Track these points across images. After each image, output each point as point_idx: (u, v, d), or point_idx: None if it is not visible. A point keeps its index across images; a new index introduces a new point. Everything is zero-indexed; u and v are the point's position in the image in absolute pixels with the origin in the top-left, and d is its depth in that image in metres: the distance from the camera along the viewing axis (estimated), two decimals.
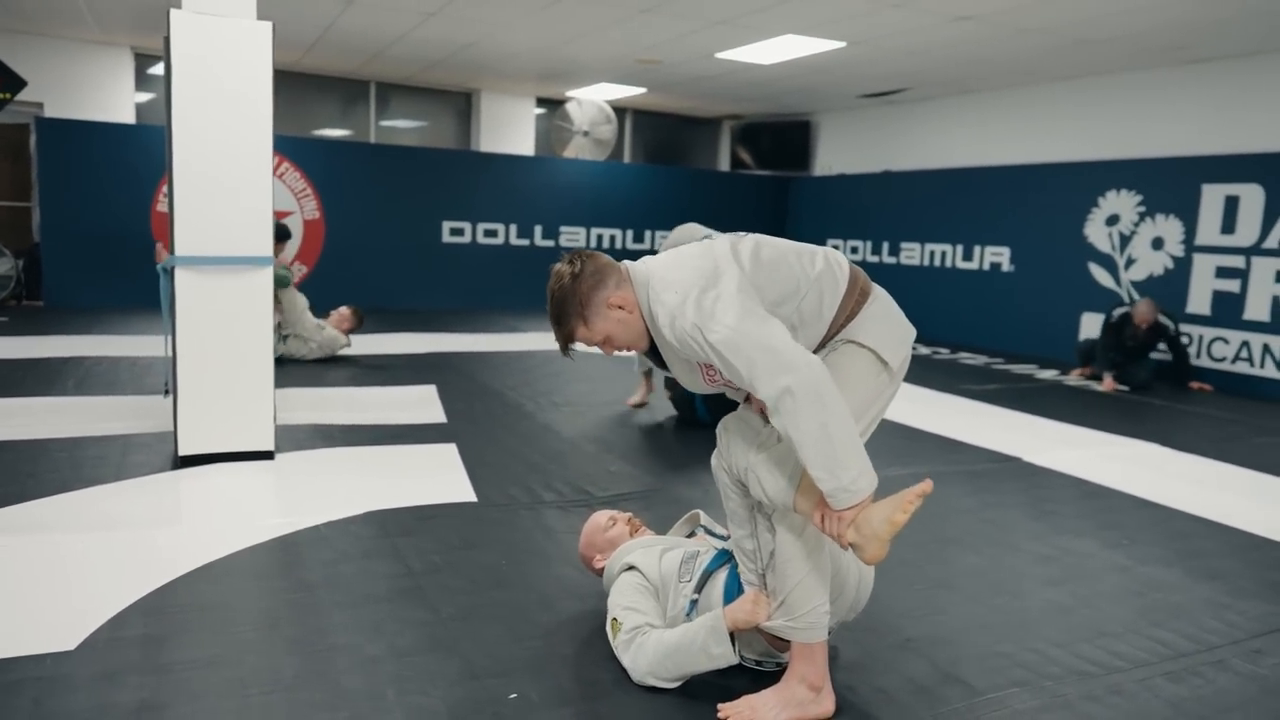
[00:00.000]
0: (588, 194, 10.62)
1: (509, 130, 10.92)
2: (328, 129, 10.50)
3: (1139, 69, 7.59)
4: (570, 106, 10.66)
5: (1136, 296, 7.33)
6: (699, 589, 2.22)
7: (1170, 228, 7.29)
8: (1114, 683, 2.27)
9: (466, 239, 10.11)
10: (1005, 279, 8.72)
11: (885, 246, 10.10)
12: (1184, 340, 6.96)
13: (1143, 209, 7.49)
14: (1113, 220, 7.73)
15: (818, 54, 7.71)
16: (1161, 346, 6.95)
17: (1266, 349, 6.68)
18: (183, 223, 3.60)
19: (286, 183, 9.20)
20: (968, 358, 8.18)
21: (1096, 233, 7.87)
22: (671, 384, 5.02)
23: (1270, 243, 6.63)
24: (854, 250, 10.52)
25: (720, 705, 2.04)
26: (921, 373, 7.18)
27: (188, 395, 3.69)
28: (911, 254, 9.78)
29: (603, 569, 2.50)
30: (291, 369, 5.89)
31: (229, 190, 3.64)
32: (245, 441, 3.81)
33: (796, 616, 1.98)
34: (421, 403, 5.18)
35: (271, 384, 3.84)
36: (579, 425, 4.86)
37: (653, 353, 2.09)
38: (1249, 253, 6.77)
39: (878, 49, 7.44)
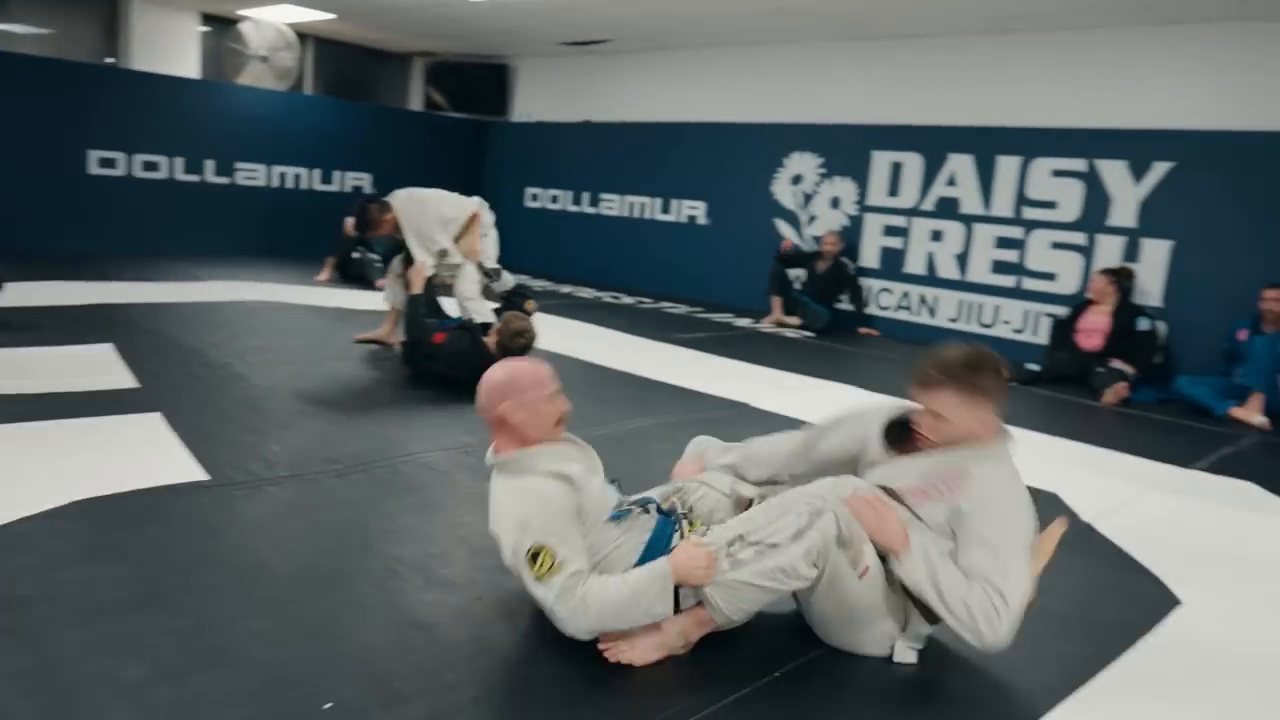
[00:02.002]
0: (267, 127, 9.59)
1: (168, 48, 9.51)
2: None
3: (822, 41, 8.22)
4: (245, 27, 9.52)
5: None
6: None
7: (846, 188, 8.06)
8: None
9: (120, 171, 8.72)
10: (702, 232, 9.18)
11: (586, 197, 10.20)
12: (859, 284, 7.81)
13: (823, 170, 8.21)
14: (797, 180, 8.40)
15: None
16: (842, 297, 7.76)
17: (922, 299, 7.64)
18: None
19: None
20: (670, 306, 8.54)
21: (783, 190, 8.50)
22: (412, 328, 4.74)
23: (927, 205, 7.55)
24: (554, 199, 10.52)
25: (601, 643, 2.03)
26: (633, 322, 7.38)
27: None
28: (612, 205, 9.98)
29: (509, 424, 2.19)
30: None
31: None
32: None
33: (734, 600, 2.02)
34: (100, 365, 4.41)
35: None
36: (304, 385, 4.40)
37: None
38: (910, 214, 7.67)
39: None
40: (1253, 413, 5.39)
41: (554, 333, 6.43)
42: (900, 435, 2.25)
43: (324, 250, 8.47)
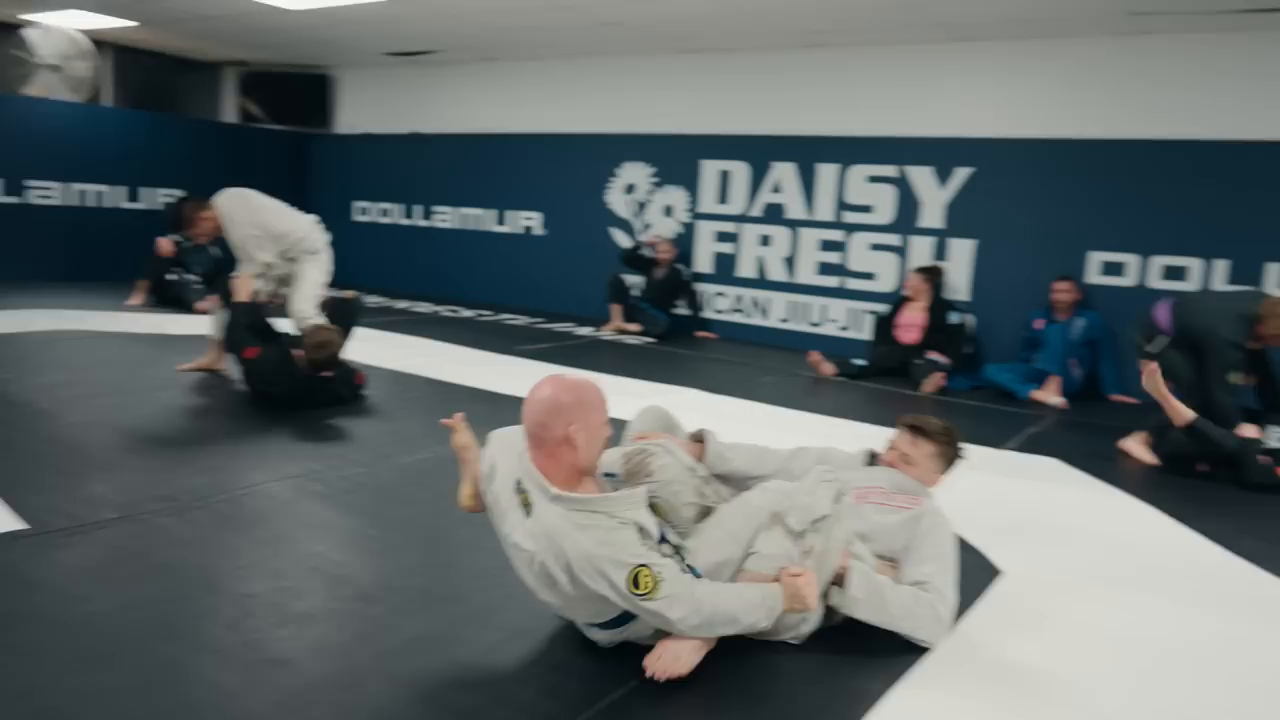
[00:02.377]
0: (63, 142, 8.86)
1: None
2: None
3: (650, 54, 8.41)
4: (31, 34, 8.77)
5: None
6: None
7: (678, 197, 8.28)
8: None
9: None
10: (538, 242, 9.19)
11: (418, 210, 10.01)
12: (695, 290, 8.04)
13: (656, 179, 8.40)
14: (630, 189, 8.55)
15: (345, 5, 7.31)
16: (679, 303, 7.98)
17: (755, 301, 7.95)
18: None
19: None
20: (510, 318, 8.50)
21: (617, 200, 8.64)
22: (228, 339, 4.55)
23: (755, 211, 7.86)
24: (385, 213, 10.26)
25: (645, 660, 2.07)
26: (475, 335, 7.31)
27: None
28: (445, 217, 9.83)
29: (572, 447, 2.04)
30: None
31: None
32: None
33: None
34: None
35: None
36: (125, 420, 4.11)
37: None
38: (739, 220, 7.97)
39: (410, 5, 7.27)
40: (1051, 394, 5.93)
41: (394, 350, 6.30)
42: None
43: (134, 272, 7.92)
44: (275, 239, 5.01)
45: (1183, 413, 4.11)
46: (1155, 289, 6.20)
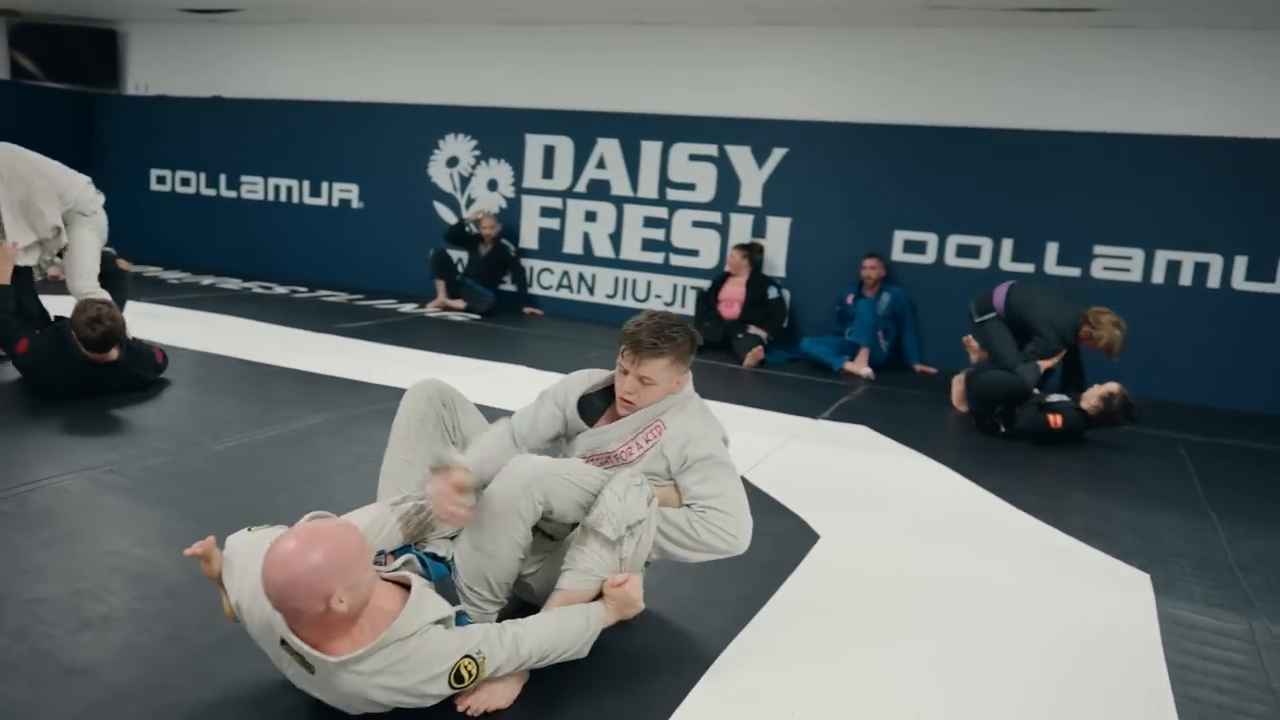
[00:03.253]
0: None
1: None
2: None
3: (470, 23, 8.20)
4: None
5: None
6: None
7: (503, 171, 8.15)
8: None
9: None
10: (356, 215, 8.82)
11: (223, 179, 9.37)
12: (521, 266, 7.97)
13: (478, 153, 8.23)
14: (453, 162, 8.34)
15: None
16: (505, 279, 7.89)
17: (581, 277, 7.97)
18: None
19: None
20: (328, 295, 8.14)
21: (439, 173, 8.41)
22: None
23: (580, 187, 7.86)
24: (185, 182, 9.55)
25: (458, 702, 1.88)
26: (290, 313, 6.96)
27: None
28: (254, 188, 9.26)
29: (337, 616, 1.67)
30: None
31: None
32: None
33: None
34: None
35: None
36: None
37: None
38: (564, 195, 7.94)
39: None
40: (861, 365, 6.29)
41: (202, 328, 5.91)
42: (593, 408, 2.39)
43: None
44: (60, 196, 4.46)
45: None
46: (951, 266, 6.69)
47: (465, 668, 1.79)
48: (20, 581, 2.32)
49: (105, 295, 4.42)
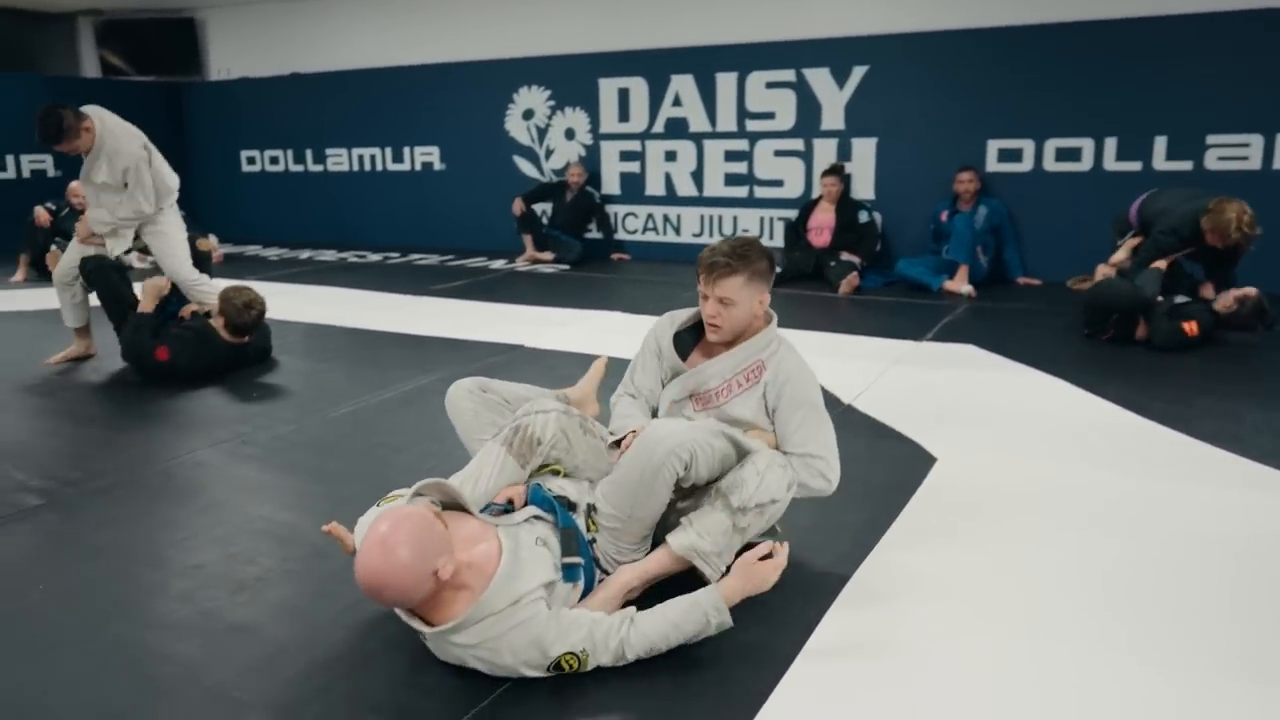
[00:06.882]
0: None
1: None
2: None
3: None
4: None
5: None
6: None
7: (579, 119, 8.11)
8: None
9: None
10: (438, 177, 8.94)
11: (309, 154, 9.60)
12: (606, 212, 7.97)
13: (553, 103, 8.20)
14: (529, 114, 8.35)
15: None
16: (591, 227, 7.91)
17: (665, 218, 7.93)
18: None
19: None
20: (420, 258, 8.31)
21: (516, 127, 8.43)
22: (128, 352, 4.24)
23: (657, 128, 7.78)
24: (274, 160, 9.82)
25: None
26: (386, 279, 7.14)
27: None
28: (339, 160, 9.46)
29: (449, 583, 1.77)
30: None
31: None
32: None
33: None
34: None
35: None
36: (24, 401, 3.93)
37: None
38: (642, 137, 7.87)
39: None
40: (961, 283, 6.11)
41: (306, 302, 6.11)
42: (688, 344, 2.42)
43: (10, 247, 7.46)
44: (154, 168, 4.35)
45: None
46: (1051, 171, 6.41)
47: (567, 661, 1.80)
48: (179, 549, 2.48)
49: (209, 280, 4.59)
